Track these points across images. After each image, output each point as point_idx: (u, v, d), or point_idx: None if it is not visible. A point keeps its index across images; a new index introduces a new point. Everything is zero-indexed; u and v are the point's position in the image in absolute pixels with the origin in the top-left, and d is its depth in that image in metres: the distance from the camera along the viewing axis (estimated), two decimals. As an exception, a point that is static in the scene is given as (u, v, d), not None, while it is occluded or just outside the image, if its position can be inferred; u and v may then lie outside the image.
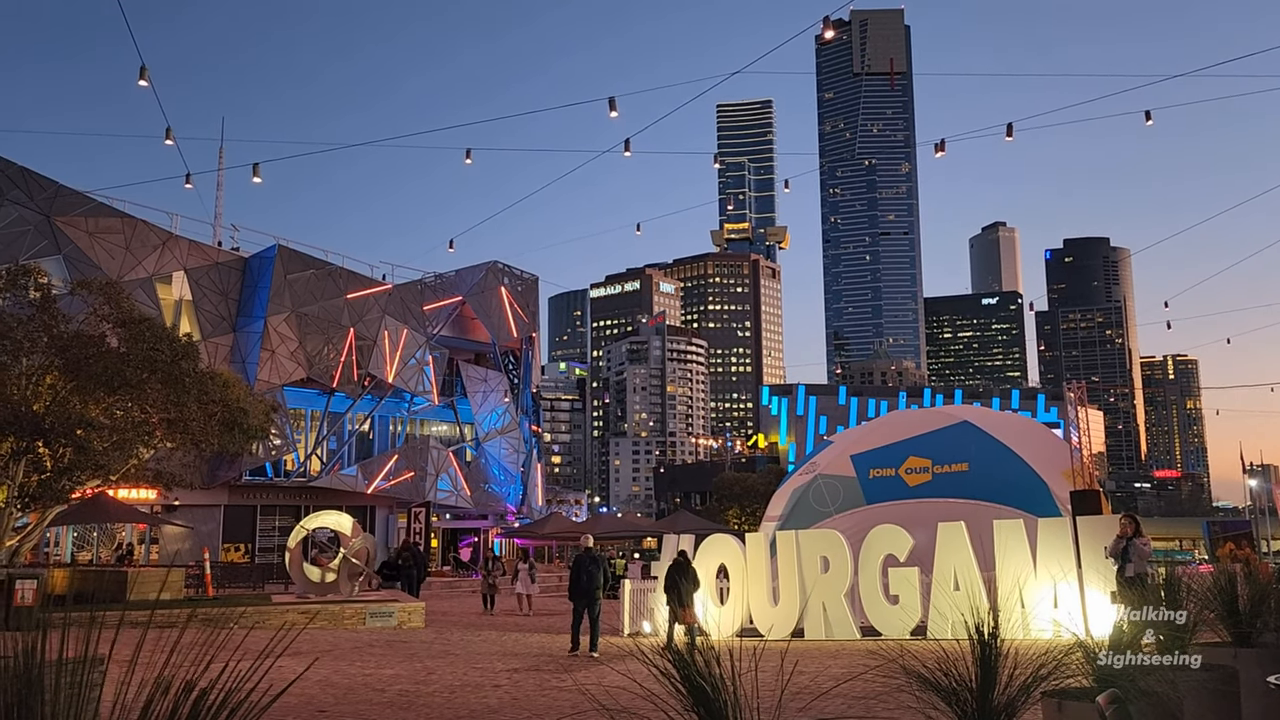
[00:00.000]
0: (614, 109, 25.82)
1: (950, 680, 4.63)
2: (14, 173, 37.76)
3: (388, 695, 11.59)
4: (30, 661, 2.55)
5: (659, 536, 38.08)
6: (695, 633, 15.75)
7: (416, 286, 52.88)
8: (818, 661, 13.32)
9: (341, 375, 46.51)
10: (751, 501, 79.29)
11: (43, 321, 24.69)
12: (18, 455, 23.64)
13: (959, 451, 20.57)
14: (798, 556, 17.56)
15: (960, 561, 16.26)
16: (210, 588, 27.96)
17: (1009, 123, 26.12)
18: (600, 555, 18.08)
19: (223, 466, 41.53)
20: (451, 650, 16.94)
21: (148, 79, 23.87)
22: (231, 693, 2.69)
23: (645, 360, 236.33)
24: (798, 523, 20.37)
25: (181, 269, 42.51)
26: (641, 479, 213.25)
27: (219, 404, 26.67)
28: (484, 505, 55.37)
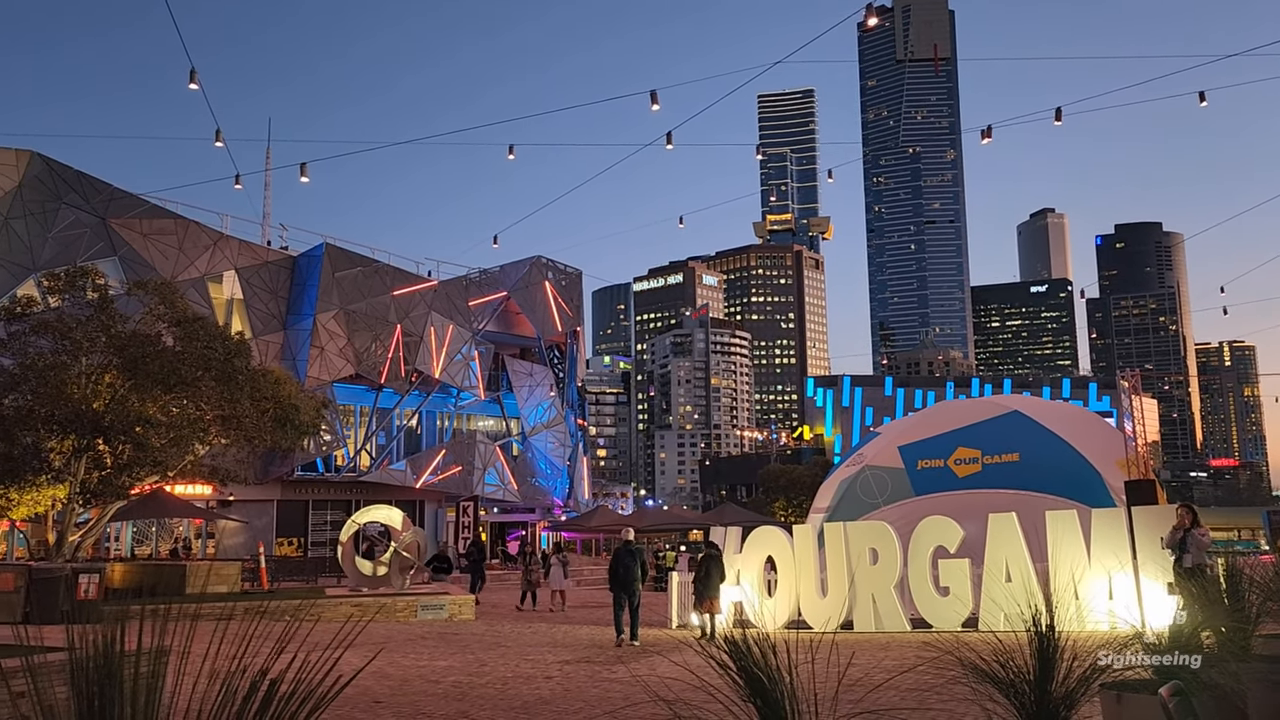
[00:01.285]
0: (655, 102, 25.81)
1: (1007, 672, 4.59)
2: (71, 177, 38.65)
3: (442, 687, 11.74)
4: (109, 652, 2.65)
5: (705, 529, 38.10)
6: (717, 622, 16.73)
7: (462, 282, 53.29)
8: (868, 654, 13.26)
9: (389, 371, 47.04)
10: (798, 493, 78.91)
11: (101, 322, 25.29)
12: (79, 453, 24.26)
13: (1009, 442, 20.31)
14: (846, 548, 17.47)
15: (1012, 553, 16.07)
16: (265, 581, 28.47)
17: (1058, 107, 25.71)
18: (638, 548, 18.39)
19: (275, 462, 42.23)
20: (502, 642, 17.11)
21: (198, 82, 24.32)
22: (300, 682, 2.77)
23: (689, 353, 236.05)
24: (845, 514, 20.26)
25: (232, 268, 43.25)
26: (687, 472, 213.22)
27: (271, 401, 27.14)
28: (531, 499, 55.74)
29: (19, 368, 24.67)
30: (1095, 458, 19.63)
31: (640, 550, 18.21)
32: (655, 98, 25.70)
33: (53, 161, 38.17)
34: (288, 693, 2.72)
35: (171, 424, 25.74)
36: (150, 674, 2.84)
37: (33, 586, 18.21)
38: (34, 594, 18.13)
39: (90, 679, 2.61)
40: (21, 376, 24.49)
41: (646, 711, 9.25)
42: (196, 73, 24.22)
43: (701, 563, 17.60)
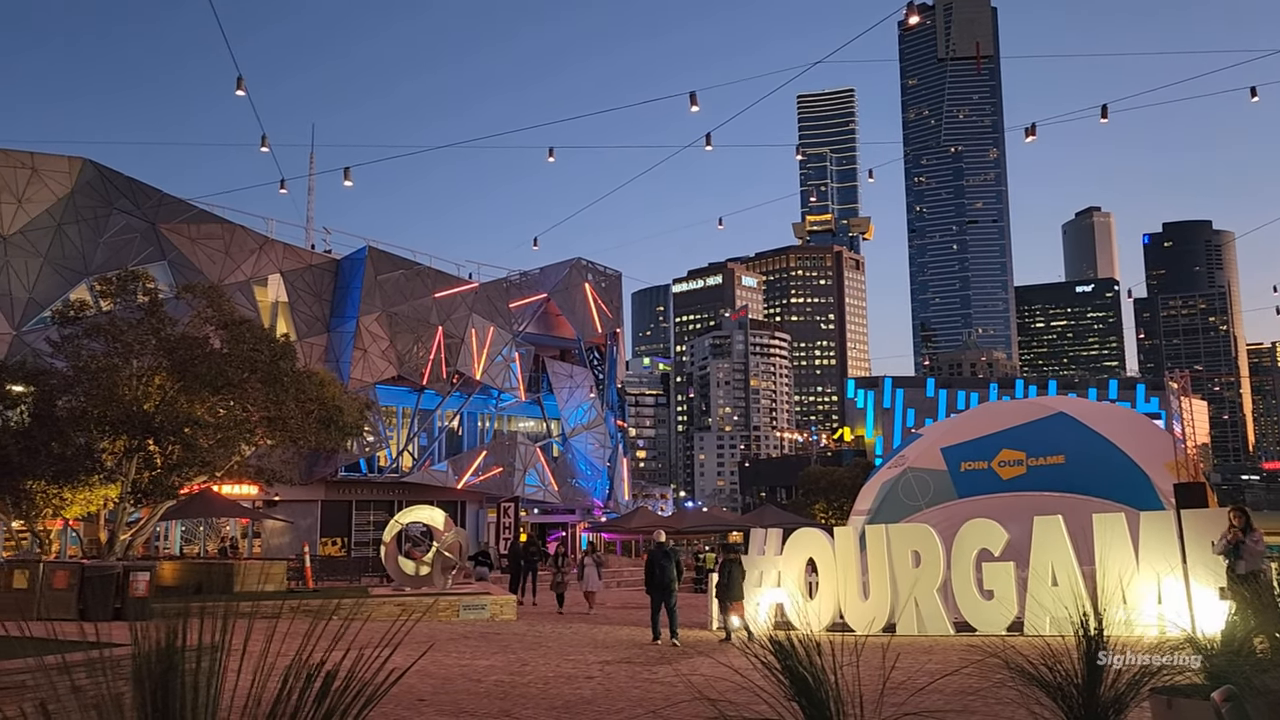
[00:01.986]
0: (695, 103, 25.83)
1: (1055, 675, 4.55)
2: (121, 183, 39.44)
3: (484, 685, 11.84)
4: (171, 647, 2.73)
5: (745, 531, 37.98)
6: (729, 624, 17.10)
7: (502, 284, 53.62)
8: (911, 657, 13.15)
9: (431, 373, 47.44)
10: (838, 495, 78.37)
11: (151, 325, 25.80)
12: (130, 453, 24.76)
13: (1055, 443, 20.03)
14: (888, 551, 17.34)
15: (1058, 556, 15.86)
16: (310, 580, 28.84)
17: (1104, 104, 25.32)
18: (673, 549, 18.59)
19: (319, 463, 42.76)
20: (543, 642, 17.20)
21: (244, 89, 24.74)
22: (354, 676, 2.84)
23: (728, 354, 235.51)
24: (887, 516, 20.11)
25: (277, 272, 43.87)
26: (726, 473, 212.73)
27: (316, 402, 27.51)
28: (571, 500, 55.92)
29: (73, 370, 25.25)
30: (1143, 460, 19.30)
31: (675, 551, 18.32)
32: (695, 99, 25.72)
33: (104, 168, 38.98)
34: (342, 685, 2.79)
35: (219, 425, 26.18)
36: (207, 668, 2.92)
37: (86, 584, 18.61)
38: (87, 591, 18.54)
39: (153, 672, 2.70)
40: (75, 379, 25.07)
41: (688, 711, 9.26)
42: (243, 79, 24.65)
43: (723, 567, 17.80)
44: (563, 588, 26.00)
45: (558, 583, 26.03)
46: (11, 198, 36.07)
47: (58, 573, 19.26)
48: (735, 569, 17.47)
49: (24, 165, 36.67)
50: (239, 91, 24.57)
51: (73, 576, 18.85)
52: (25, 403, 25.53)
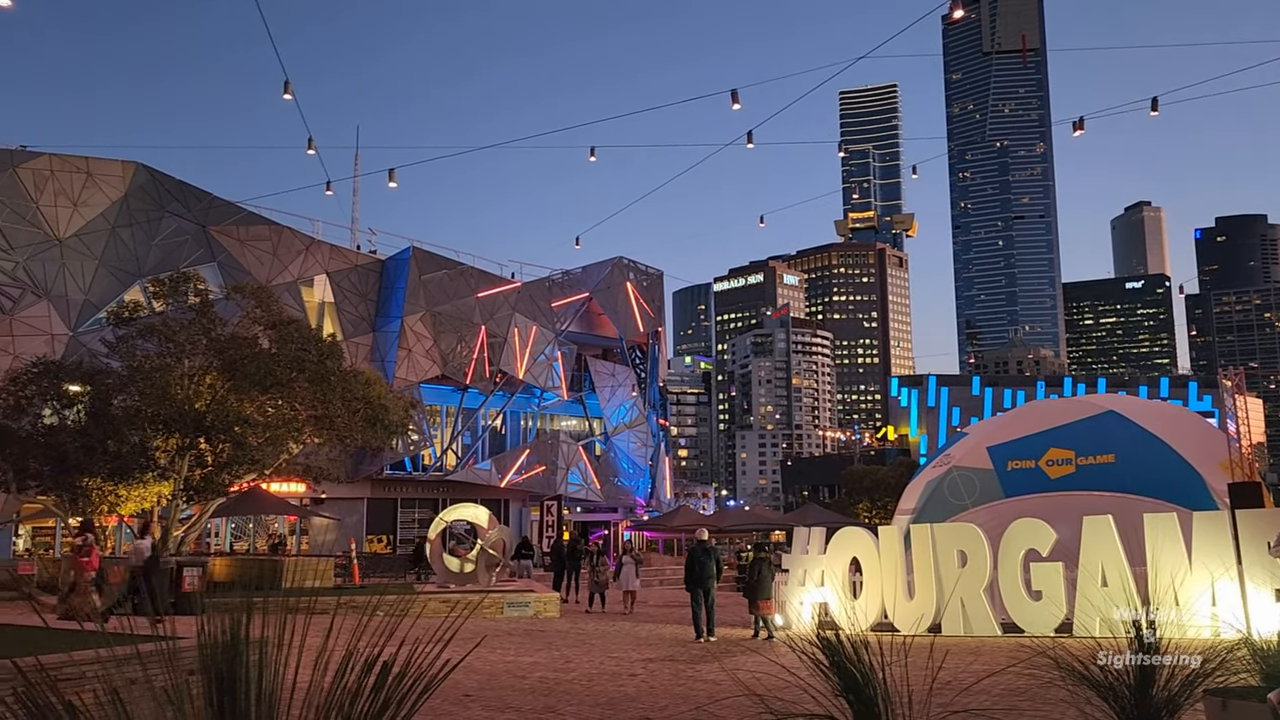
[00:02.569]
0: (736, 101, 25.78)
1: (1106, 675, 4.51)
2: (173, 186, 40.24)
3: (529, 682, 11.94)
4: (235, 637, 2.83)
5: (788, 530, 37.82)
6: (771, 623, 17.34)
7: (545, 284, 53.90)
8: (958, 657, 13.04)
9: (474, 372, 47.84)
10: (882, 495, 77.67)
11: (202, 325, 26.32)
12: (183, 451, 25.28)
13: (1104, 442, 19.71)
14: (933, 550, 17.20)
15: (1108, 556, 15.62)
16: (357, 577, 29.22)
17: (1154, 96, 24.89)
18: (713, 547, 18.80)
19: (365, 461, 43.31)
20: (587, 639, 17.29)
21: (291, 92, 25.12)
22: (409, 666, 2.92)
23: (770, 353, 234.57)
24: (932, 516, 19.92)
25: (324, 272, 44.50)
26: (768, 472, 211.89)
27: (362, 401, 27.88)
28: (614, 498, 56.08)
29: (127, 370, 25.82)
30: (1196, 459, 18.94)
31: (716, 550, 18.43)
32: (736, 97, 25.67)
33: (156, 172, 39.80)
34: (399, 674, 2.87)
35: (268, 424, 26.62)
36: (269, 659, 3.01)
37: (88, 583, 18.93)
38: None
39: (218, 662, 2.79)
40: (130, 378, 25.64)
41: (732, 707, 9.28)
42: (290, 83, 25.02)
43: (752, 565, 18.09)
44: (602, 587, 25.69)
45: (595, 582, 25.75)
46: (68, 202, 36.95)
47: (114, 568, 19.72)
48: (764, 567, 17.74)
49: (79, 170, 37.55)
50: (286, 95, 24.95)
51: (128, 571, 19.26)
52: (82, 402, 26.17)
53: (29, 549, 37.81)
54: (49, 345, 34.01)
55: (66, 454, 24.64)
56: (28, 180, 36.13)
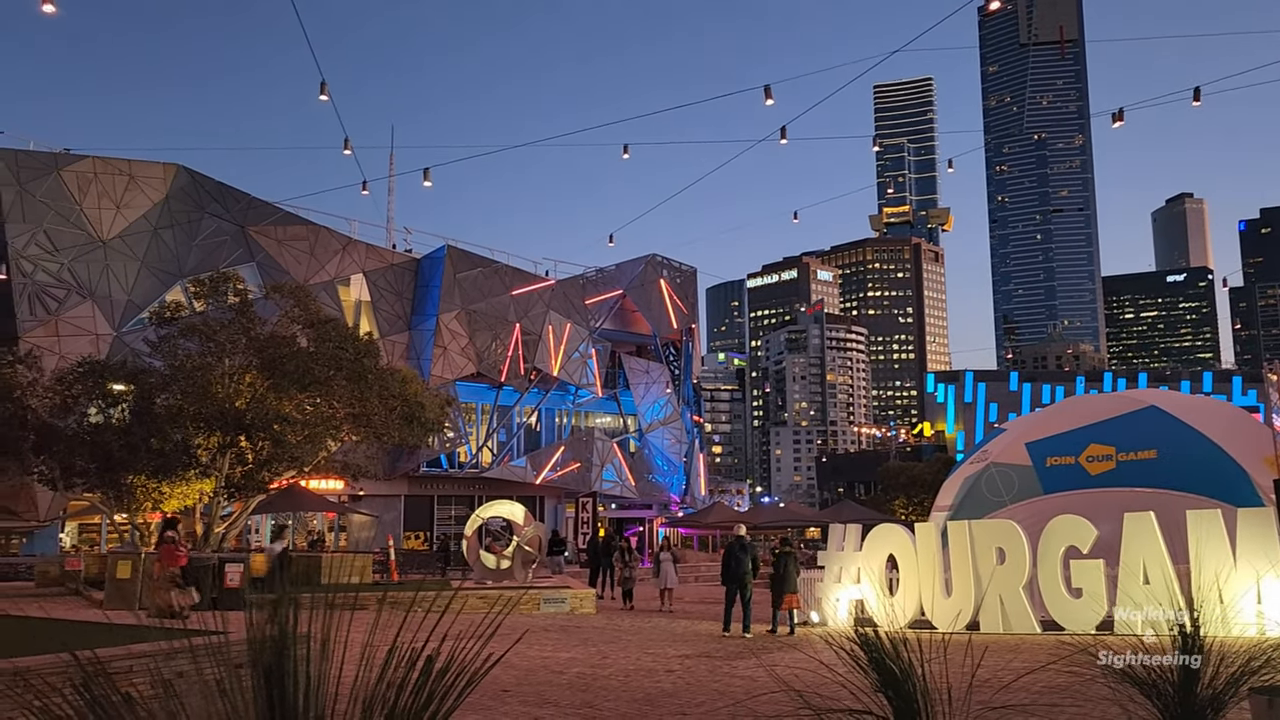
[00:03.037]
0: (769, 97, 25.67)
1: (1149, 673, 4.46)
2: (212, 188, 40.81)
3: (566, 677, 12.01)
4: (283, 631, 2.89)
5: (823, 526, 37.65)
6: (794, 618, 17.58)
7: (578, 281, 54.05)
8: (997, 654, 12.93)
9: (509, 369, 48.09)
10: (918, 491, 77.00)
11: (241, 325, 26.66)
12: (224, 449, 25.64)
13: (1146, 438, 19.43)
14: (971, 547, 17.05)
15: (1150, 553, 15.40)
16: (395, 573, 29.49)
17: (1196, 87, 24.46)
18: (750, 543, 18.85)
19: (402, 458, 43.69)
20: (623, 636, 17.35)
21: (328, 94, 25.37)
22: (451, 662, 2.96)
23: (804, 349, 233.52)
24: (970, 513, 19.75)
25: (360, 271, 44.93)
26: (803, 468, 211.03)
27: (398, 399, 28.11)
28: (648, 495, 56.14)
29: (169, 369, 26.23)
30: (1240, 455, 18.60)
31: (753, 546, 18.47)
32: (769, 92, 25.56)
33: (196, 174, 40.38)
34: (442, 669, 2.92)
35: (306, 421, 26.92)
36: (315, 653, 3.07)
37: (184, 575, 19.31)
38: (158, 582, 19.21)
39: (267, 655, 2.86)
40: (172, 377, 26.04)
41: (769, 703, 9.28)
42: (326, 85, 25.27)
43: (777, 560, 18.16)
44: (629, 584, 25.47)
45: (625, 578, 25.58)
46: (111, 204, 37.60)
47: (157, 564, 20.02)
48: (789, 562, 17.86)
49: (122, 172, 38.19)
50: (322, 97, 25.20)
51: (159, 572, 19.54)
52: (126, 401, 26.62)
53: (75, 545, 38.58)
54: (94, 345, 34.65)
55: (111, 452, 25.08)
56: (72, 183, 36.81)
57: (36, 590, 26.54)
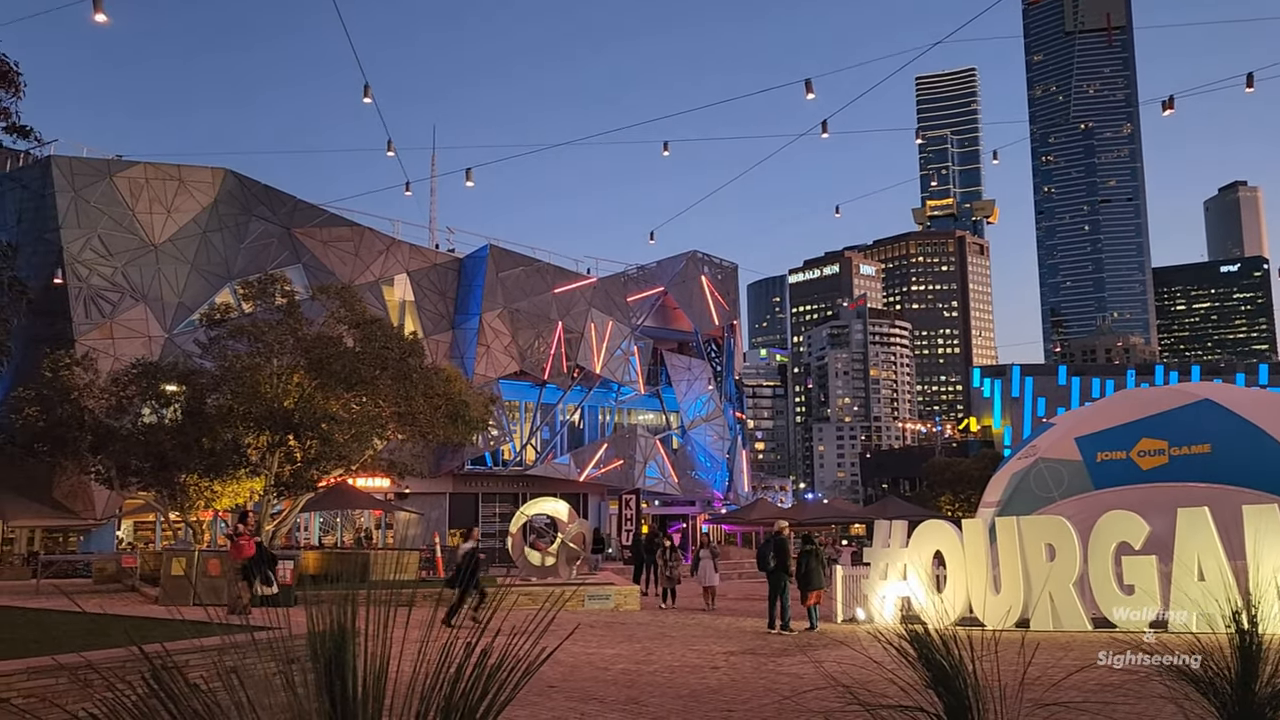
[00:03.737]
0: (810, 91, 25.54)
1: (1206, 671, 4.39)
2: (259, 191, 41.46)
3: (611, 674, 12.06)
4: (341, 627, 2.97)
5: (868, 523, 37.37)
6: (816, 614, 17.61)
7: (620, 279, 54.16)
8: (1048, 652, 12.78)
9: (552, 367, 48.34)
10: (965, 487, 76.23)
11: (289, 325, 27.08)
12: (273, 448, 26.06)
13: (1199, 432, 19.06)
14: (1020, 544, 16.85)
15: (1204, 549, 15.11)
16: (441, 570, 29.78)
17: (1249, 72, 23.92)
18: (785, 539, 18.81)
19: (447, 456, 44.09)
20: (667, 632, 17.38)
21: (371, 96, 25.65)
22: (505, 656, 3.02)
23: (847, 344, 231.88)
24: (1018, 509, 19.51)
25: (404, 272, 45.41)
26: (846, 464, 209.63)
27: (443, 397, 28.39)
28: (691, 491, 56.14)
29: (219, 369, 26.73)
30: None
31: (785, 541, 18.51)
32: (810, 86, 25.43)
33: (243, 177, 41.04)
34: (496, 662, 2.97)
35: (353, 420, 27.27)
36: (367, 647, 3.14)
37: (236, 571, 19.68)
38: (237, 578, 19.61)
39: (328, 649, 2.93)
40: (222, 378, 26.54)
41: (816, 700, 9.25)
42: (370, 87, 25.55)
43: (801, 558, 18.39)
44: (672, 583, 24.69)
45: (666, 577, 24.93)
46: (161, 208, 38.35)
47: (211, 561, 20.45)
48: (813, 559, 18.07)
49: (172, 177, 38.93)
50: (365, 99, 25.48)
51: (225, 564, 19.97)
52: (179, 401, 27.18)
53: (131, 542, 39.44)
54: (146, 347, 35.39)
55: (165, 451, 25.63)
56: (124, 189, 37.59)
57: (94, 587, 27.18)
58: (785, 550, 18.15)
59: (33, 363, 30.57)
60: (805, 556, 18.24)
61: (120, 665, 7.25)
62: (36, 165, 36.98)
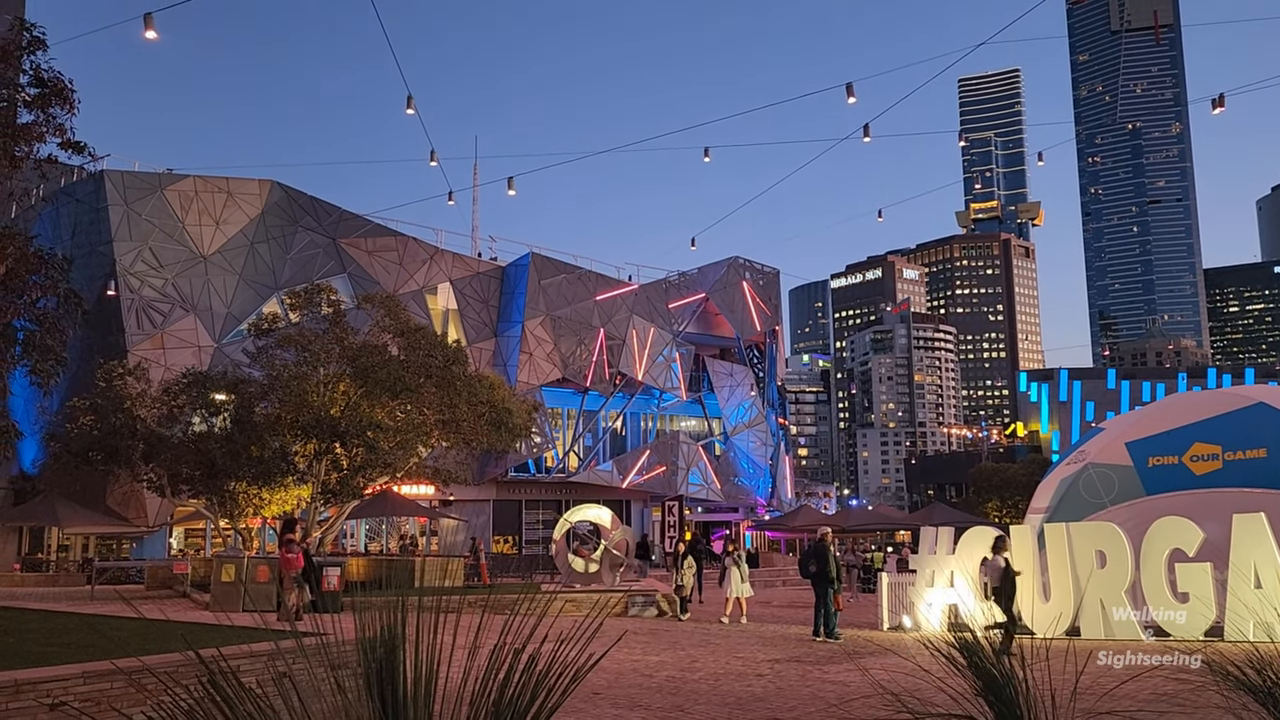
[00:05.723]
0: (852, 95, 25.38)
1: (1264, 679, 4.30)
2: (305, 202, 42.09)
3: (656, 681, 12.05)
4: (392, 632, 3.01)
5: (914, 529, 37.01)
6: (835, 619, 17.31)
7: (661, 285, 54.19)
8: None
9: (594, 374, 48.47)
10: (1012, 493, 75.21)
11: (335, 334, 27.45)
12: (320, 455, 26.40)
13: (1255, 436, 18.62)
14: (1070, 550, 16.59)
15: (1261, 556, 14.78)
16: (485, 576, 29.96)
17: (1303, 68, 23.36)
18: (827, 545, 18.40)
19: (490, 463, 44.37)
20: (711, 640, 17.33)
21: (414, 108, 25.93)
22: (552, 662, 3.04)
23: (890, 349, 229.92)
24: (1067, 515, 19.21)
25: (447, 280, 45.82)
26: (891, 470, 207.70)
27: (486, 405, 28.59)
28: (734, 498, 55.95)
29: (267, 378, 27.15)
30: (1359, 453, 17.71)
31: (827, 547, 18.23)
32: (851, 90, 25.28)
33: (290, 189, 41.69)
34: (545, 669, 2.99)
35: (398, 428, 27.56)
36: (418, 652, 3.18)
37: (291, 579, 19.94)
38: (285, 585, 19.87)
39: (378, 654, 2.98)
40: (270, 386, 26.94)
41: (863, 707, 9.18)
42: (413, 99, 25.84)
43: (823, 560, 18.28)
44: (681, 591, 22.52)
45: (678, 586, 22.69)
46: (211, 220, 39.08)
47: (260, 568, 20.75)
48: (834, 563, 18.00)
49: (220, 190, 39.65)
50: (409, 110, 25.76)
51: (273, 571, 20.24)
52: (228, 410, 27.64)
53: (182, 549, 40.16)
54: (196, 356, 36.05)
55: (214, 459, 26.06)
56: (174, 201, 38.37)
57: (146, 593, 27.71)
58: (826, 557, 17.95)
59: (87, 373, 31.28)
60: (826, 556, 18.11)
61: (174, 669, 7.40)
62: (90, 179, 37.83)
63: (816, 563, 17.79)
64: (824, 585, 17.44)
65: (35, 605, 20.60)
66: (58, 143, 21.06)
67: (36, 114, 20.13)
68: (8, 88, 20.07)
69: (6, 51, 19.80)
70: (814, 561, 17.88)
